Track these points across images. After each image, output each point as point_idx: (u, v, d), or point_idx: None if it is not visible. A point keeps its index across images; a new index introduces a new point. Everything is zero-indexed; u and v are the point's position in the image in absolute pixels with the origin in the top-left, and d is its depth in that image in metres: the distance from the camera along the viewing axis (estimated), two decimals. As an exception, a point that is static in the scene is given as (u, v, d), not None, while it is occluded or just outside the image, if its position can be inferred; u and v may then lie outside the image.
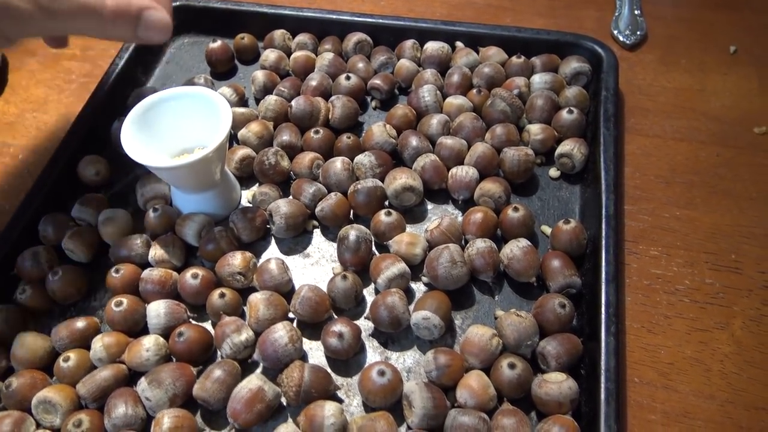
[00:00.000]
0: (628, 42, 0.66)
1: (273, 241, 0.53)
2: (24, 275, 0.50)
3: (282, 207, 0.51)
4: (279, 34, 0.66)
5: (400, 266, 0.48)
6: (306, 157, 0.55)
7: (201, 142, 0.52)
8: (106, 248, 0.52)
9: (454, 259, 0.47)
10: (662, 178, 0.56)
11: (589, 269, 0.49)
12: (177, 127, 0.51)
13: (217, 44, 0.64)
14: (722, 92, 0.63)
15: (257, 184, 0.56)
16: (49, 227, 0.52)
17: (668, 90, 0.63)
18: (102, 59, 0.69)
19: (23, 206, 0.53)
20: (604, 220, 0.49)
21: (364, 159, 0.54)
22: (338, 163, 0.54)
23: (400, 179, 0.52)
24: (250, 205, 0.54)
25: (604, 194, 0.51)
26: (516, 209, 0.50)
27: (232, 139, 0.59)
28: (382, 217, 0.51)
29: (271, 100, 0.59)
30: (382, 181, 0.53)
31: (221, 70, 0.66)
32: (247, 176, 0.57)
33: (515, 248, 0.48)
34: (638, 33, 0.67)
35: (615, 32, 0.67)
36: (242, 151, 0.56)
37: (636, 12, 0.69)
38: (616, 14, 0.69)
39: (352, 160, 0.55)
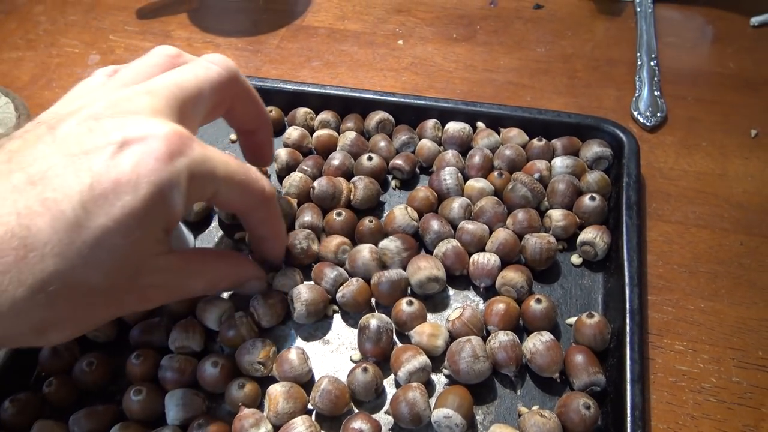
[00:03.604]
0: (648, 124, 0.67)
1: (292, 325, 0.53)
2: (46, 369, 0.50)
3: (303, 293, 0.51)
4: (302, 112, 0.67)
5: (422, 359, 0.47)
6: (333, 242, 0.55)
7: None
8: (126, 328, 0.52)
9: (476, 353, 0.47)
10: (685, 267, 0.56)
11: (613, 365, 0.48)
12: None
13: None
14: (744, 178, 0.62)
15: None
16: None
17: (689, 174, 0.63)
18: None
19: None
20: (628, 315, 0.48)
21: (390, 244, 0.54)
22: (366, 253, 0.54)
23: (424, 270, 0.52)
24: (270, 289, 0.54)
25: (628, 287, 0.50)
26: (539, 301, 0.50)
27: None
28: (404, 306, 0.50)
29: (296, 177, 0.60)
30: (406, 266, 0.53)
31: None
32: (268, 256, 0.57)
33: (538, 342, 0.48)
34: (658, 115, 0.67)
35: (635, 113, 0.68)
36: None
37: (656, 93, 0.69)
38: (636, 95, 0.70)
39: (375, 244, 0.55)
